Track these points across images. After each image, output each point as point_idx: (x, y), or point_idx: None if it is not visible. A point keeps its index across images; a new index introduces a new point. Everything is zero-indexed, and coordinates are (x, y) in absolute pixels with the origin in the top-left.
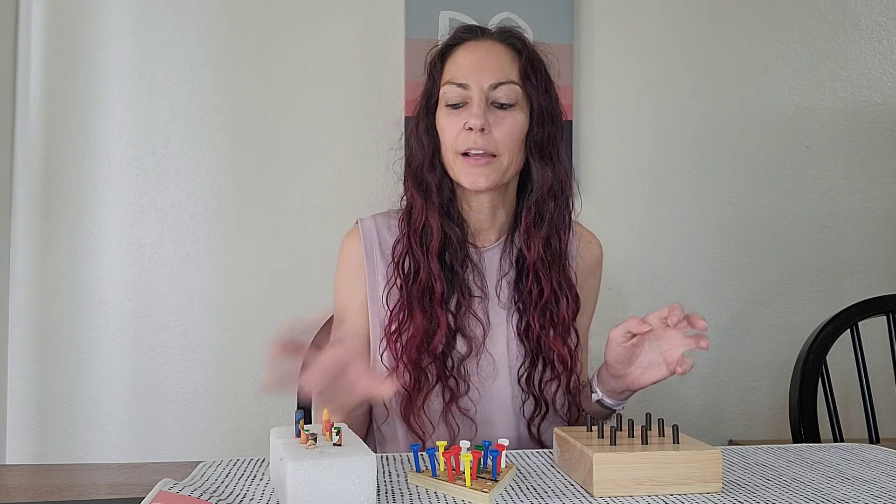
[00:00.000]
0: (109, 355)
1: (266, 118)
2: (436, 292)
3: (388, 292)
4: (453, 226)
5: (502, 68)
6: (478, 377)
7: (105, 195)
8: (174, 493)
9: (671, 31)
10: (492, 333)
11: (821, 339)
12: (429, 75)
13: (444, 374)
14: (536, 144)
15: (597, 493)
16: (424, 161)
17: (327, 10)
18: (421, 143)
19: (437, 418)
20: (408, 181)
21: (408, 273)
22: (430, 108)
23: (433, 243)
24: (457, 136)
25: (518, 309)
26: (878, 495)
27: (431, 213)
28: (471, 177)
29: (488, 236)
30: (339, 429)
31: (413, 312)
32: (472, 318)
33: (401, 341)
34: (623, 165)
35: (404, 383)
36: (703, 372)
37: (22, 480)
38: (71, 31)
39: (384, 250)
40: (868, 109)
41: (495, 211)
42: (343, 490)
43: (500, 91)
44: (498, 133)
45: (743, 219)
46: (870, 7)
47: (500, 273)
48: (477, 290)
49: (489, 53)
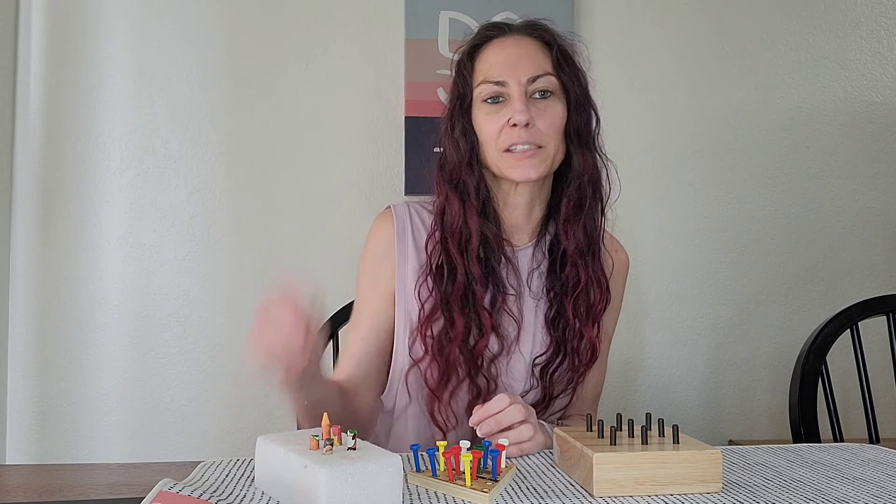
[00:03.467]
0: (109, 355)
1: (266, 118)
2: (477, 295)
3: (421, 286)
4: (490, 224)
5: (536, 62)
6: (509, 377)
7: (105, 195)
8: (174, 493)
9: (671, 32)
10: (525, 332)
11: (821, 339)
12: (458, 75)
13: (473, 370)
14: (576, 132)
15: (597, 493)
16: (462, 163)
17: (327, 11)
18: (457, 146)
19: (462, 414)
20: (442, 184)
21: (440, 271)
22: (464, 109)
23: (472, 246)
24: (500, 133)
25: (549, 298)
26: (878, 495)
27: (470, 215)
28: (520, 169)
29: (523, 235)
30: (355, 432)
31: (451, 312)
32: (505, 316)
33: (431, 333)
34: (623, 165)
35: (431, 376)
36: (703, 372)
37: (22, 480)
38: (71, 31)
39: (417, 239)
40: (868, 109)
41: (532, 207)
42: (375, 492)
43: (538, 83)
44: (542, 124)
45: (743, 219)
46: (870, 7)
47: (532, 266)
48: (512, 288)
49: (520, 48)
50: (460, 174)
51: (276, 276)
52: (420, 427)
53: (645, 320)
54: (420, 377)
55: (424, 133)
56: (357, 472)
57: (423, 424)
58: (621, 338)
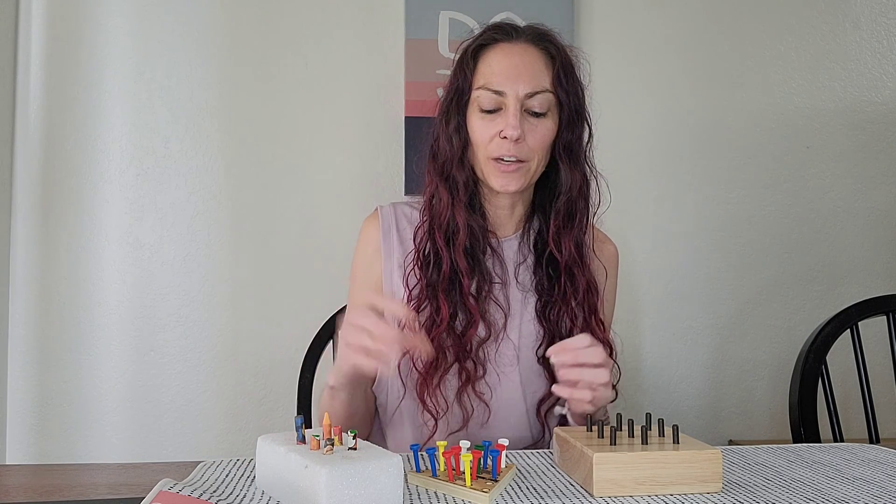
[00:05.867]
0: (109, 355)
1: (266, 118)
2: (464, 287)
3: (408, 275)
4: (476, 216)
5: (536, 76)
6: (496, 362)
7: (105, 195)
8: (174, 493)
9: (671, 32)
10: (512, 319)
11: (821, 339)
12: (459, 71)
13: (462, 355)
14: (566, 147)
15: (597, 493)
16: (454, 159)
17: (327, 10)
18: (450, 141)
19: (451, 399)
20: (433, 174)
21: (427, 260)
22: (461, 106)
23: (459, 239)
24: (490, 142)
25: (538, 292)
26: (878, 495)
27: (458, 210)
28: (501, 180)
29: (507, 228)
30: (356, 433)
31: (437, 300)
32: (492, 304)
33: (418, 321)
34: (622, 166)
35: (421, 362)
36: (702, 372)
37: (22, 480)
38: (71, 31)
39: (402, 237)
40: (868, 109)
41: (514, 206)
42: (375, 492)
43: (535, 100)
44: (531, 140)
45: (743, 219)
46: (870, 7)
47: (518, 259)
48: (497, 277)
49: (524, 58)
50: (451, 168)
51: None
52: (416, 423)
53: (645, 320)
54: (410, 364)
55: (424, 133)
56: (357, 472)
57: (418, 419)
58: (621, 337)
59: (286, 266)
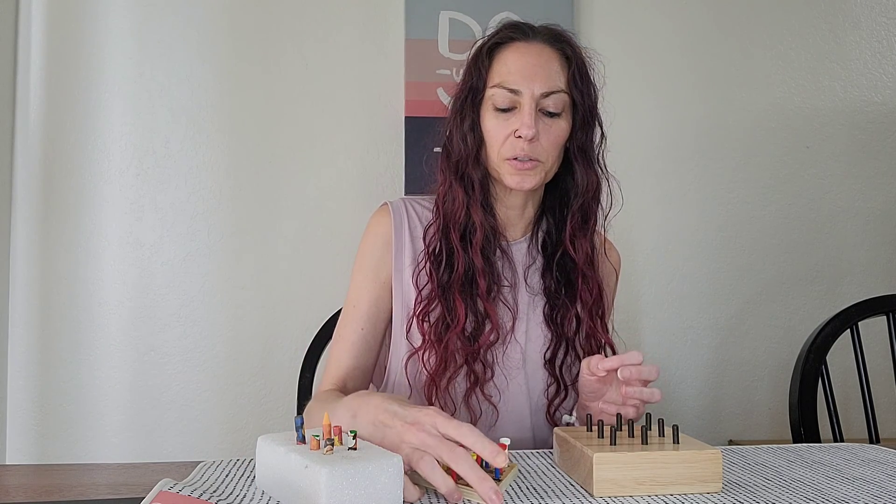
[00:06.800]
0: (109, 355)
1: (266, 118)
2: (480, 288)
3: (419, 274)
4: (489, 217)
5: (552, 77)
6: (503, 365)
7: (105, 195)
8: (174, 493)
9: (671, 32)
10: (520, 321)
11: (821, 339)
12: (474, 69)
13: (471, 358)
14: (580, 148)
15: (597, 493)
16: (469, 157)
17: (327, 10)
18: (465, 140)
19: (459, 400)
20: (447, 173)
21: (439, 259)
22: (475, 104)
23: (477, 238)
24: (504, 141)
25: (548, 296)
26: (878, 495)
27: (475, 208)
28: (517, 179)
29: (516, 230)
30: (356, 433)
31: (452, 301)
32: (501, 306)
33: (428, 321)
34: (622, 166)
35: (429, 363)
36: (702, 372)
37: (22, 480)
38: (71, 31)
39: (413, 232)
40: (868, 109)
41: (525, 207)
42: (375, 492)
43: (550, 100)
44: (545, 140)
45: (743, 219)
46: (870, 7)
47: (528, 262)
48: (506, 279)
49: (540, 59)
50: (466, 167)
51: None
52: None
53: (644, 320)
54: (418, 363)
55: (424, 133)
56: (357, 472)
57: None
58: (621, 337)
59: (286, 266)
